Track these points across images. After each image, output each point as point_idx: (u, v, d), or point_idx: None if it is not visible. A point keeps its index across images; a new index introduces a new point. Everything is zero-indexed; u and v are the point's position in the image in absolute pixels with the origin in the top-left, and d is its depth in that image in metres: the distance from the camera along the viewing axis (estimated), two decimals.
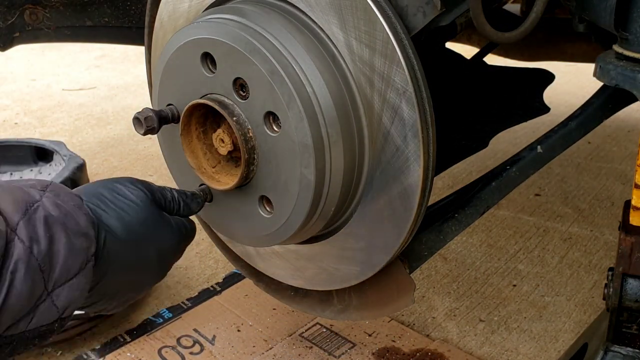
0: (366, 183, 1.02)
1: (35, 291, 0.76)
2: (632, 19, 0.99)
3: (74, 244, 0.80)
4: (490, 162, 2.64)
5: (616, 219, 2.17)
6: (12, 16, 1.68)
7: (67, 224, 0.80)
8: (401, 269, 1.13)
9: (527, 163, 1.25)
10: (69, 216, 0.82)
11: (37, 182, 0.86)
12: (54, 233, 0.78)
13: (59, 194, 0.85)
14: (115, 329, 1.81)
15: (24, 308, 0.76)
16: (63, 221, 0.80)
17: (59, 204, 0.82)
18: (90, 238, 0.85)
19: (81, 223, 0.83)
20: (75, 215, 0.83)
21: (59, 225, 0.79)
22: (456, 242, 2.22)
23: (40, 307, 0.78)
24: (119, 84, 4.05)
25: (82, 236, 0.83)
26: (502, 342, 1.76)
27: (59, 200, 0.83)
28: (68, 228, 0.80)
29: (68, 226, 0.80)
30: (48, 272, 0.77)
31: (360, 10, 0.92)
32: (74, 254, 0.80)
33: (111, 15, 1.79)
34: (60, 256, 0.79)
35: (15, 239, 0.74)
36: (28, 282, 0.75)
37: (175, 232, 1.01)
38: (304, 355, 1.69)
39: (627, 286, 1.14)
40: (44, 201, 0.80)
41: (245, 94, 0.98)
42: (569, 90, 3.45)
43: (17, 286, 0.73)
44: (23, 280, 0.74)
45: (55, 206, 0.81)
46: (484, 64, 1.61)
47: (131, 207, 0.95)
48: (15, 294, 0.73)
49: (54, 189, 0.85)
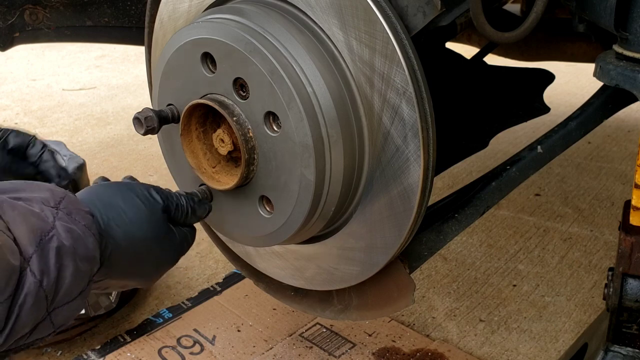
0: (366, 183, 1.02)
1: (38, 317, 0.79)
2: (632, 19, 0.99)
3: (79, 271, 0.82)
4: (490, 162, 2.64)
5: (616, 219, 2.17)
6: (12, 16, 1.68)
7: (76, 251, 0.82)
8: (401, 269, 1.13)
9: (527, 163, 1.25)
10: (79, 241, 0.83)
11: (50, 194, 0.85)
12: (64, 263, 0.80)
13: (71, 211, 0.85)
14: (115, 329, 1.81)
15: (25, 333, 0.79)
16: (73, 249, 0.81)
17: (71, 229, 0.82)
18: (95, 260, 0.86)
19: (89, 247, 0.85)
20: (85, 239, 0.84)
21: (69, 254, 0.81)
22: (456, 242, 2.22)
23: (39, 326, 0.80)
24: (119, 84, 4.05)
25: (89, 261, 0.84)
26: (502, 342, 1.76)
27: (71, 222, 0.83)
28: (77, 254, 0.82)
29: (77, 253, 0.82)
30: (52, 298, 0.80)
31: (360, 10, 0.92)
32: (78, 279, 0.83)
33: (111, 15, 1.79)
34: (65, 282, 0.80)
35: (27, 272, 0.76)
36: (34, 313, 0.77)
37: (177, 248, 1.02)
38: (304, 355, 1.69)
39: (627, 286, 1.14)
40: (57, 227, 0.81)
41: (245, 94, 0.98)
42: (569, 90, 3.45)
43: (23, 317, 0.76)
44: (29, 312, 0.76)
45: (68, 232, 0.82)
46: (484, 64, 1.61)
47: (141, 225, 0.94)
48: (20, 324, 0.76)
49: (67, 206, 0.85)
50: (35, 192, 0.85)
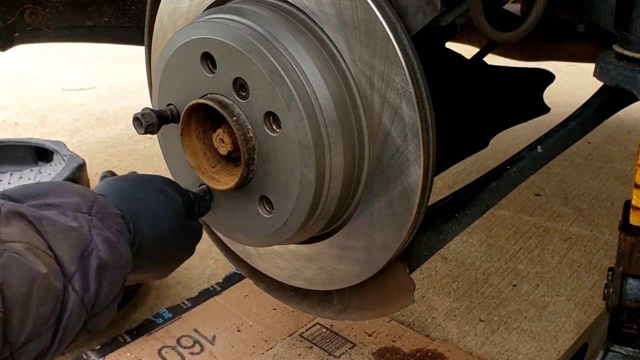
0: (366, 183, 1.02)
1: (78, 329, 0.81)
2: (632, 19, 0.99)
3: (116, 279, 0.84)
4: (490, 162, 2.64)
5: (616, 219, 2.17)
6: (12, 16, 1.68)
7: (113, 261, 0.83)
8: (401, 269, 1.12)
9: (527, 163, 1.25)
10: (115, 250, 0.84)
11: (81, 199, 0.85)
12: (103, 276, 0.81)
13: (104, 217, 0.86)
14: (115, 329, 1.81)
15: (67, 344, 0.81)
16: (111, 260, 0.83)
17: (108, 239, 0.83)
18: (129, 264, 0.87)
19: (124, 253, 0.86)
20: (120, 246, 0.85)
21: (107, 266, 0.82)
22: (456, 242, 2.22)
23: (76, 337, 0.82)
24: (119, 84, 4.05)
25: (125, 266, 0.86)
26: (502, 342, 1.76)
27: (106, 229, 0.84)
28: (114, 264, 0.83)
29: (114, 262, 0.83)
30: (91, 309, 0.81)
31: (360, 10, 0.92)
32: (115, 287, 0.84)
33: (111, 15, 1.79)
34: (103, 293, 0.82)
35: (70, 290, 0.77)
36: (76, 328, 0.79)
37: (194, 239, 1.04)
38: (304, 355, 1.69)
39: (627, 286, 1.14)
40: (94, 238, 0.82)
41: (245, 94, 0.98)
42: (569, 90, 3.45)
43: (68, 335, 0.78)
44: (73, 328, 0.79)
45: (105, 243, 0.82)
46: (484, 64, 1.61)
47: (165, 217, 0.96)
48: (65, 341, 0.79)
49: (99, 210, 0.86)
50: (65, 197, 0.85)
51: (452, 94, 1.47)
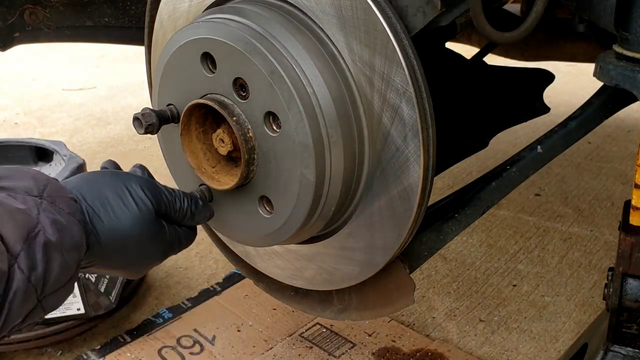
0: (366, 183, 1.02)
1: (29, 308, 0.81)
2: (632, 19, 0.99)
3: (67, 260, 0.83)
4: (490, 162, 2.64)
5: (616, 219, 2.17)
6: (12, 16, 1.68)
7: (63, 242, 0.83)
8: (401, 269, 1.12)
9: (527, 163, 1.25)
10: (65, 232, 0.84)
11: (34, 182, 0.86)
12: (51, 256, 0.81)
13: (55, 199, 0.85)
14: (115, 329, 1.81)
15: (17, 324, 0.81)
16: (60, 241, 0.82)
17: (56, 220, 0.83)
18: (82, 246, 0.87)
19: (75, 236, 0.85)
20: (70, 228, 0.85)
21: (55, 247, 0.82)
22: (456, 242, 2.22)
23: (30, 314, 0.82)
24: (119, 84, 4.05)
25: (76, 249, 0.85)
26: (502, 342, 1.76)
27: (56, 212, 0.84)
28: (63, 245, 0.83)
29: (63, 243, 0.83)
30: (41, 289, 0.81)
31: (360, 10, 0.92)
32: (66, 268, 0.84)
33: (111, 15, 1.79)
34: (53, 273, 0.82)
35: (15, 269, 0.78)
36: (24, 306, 0.79)
37: (165, 247, 1.00)
38: (304, 355, 1.69)
39: (627, 286, 1.14)
40: (42, 221, 0.82)
41: (245, 94, 0.98)
42: (569, 90, 3.45)
43: (13, 312, 0.78)
44: (20, 306, 0.78)
45: (53, 224, 0.82)
46: (484, 64, 1.61)
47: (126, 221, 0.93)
48: (11, 318, 0.78)
49: (51, 194, 0.86)
50: (18, 181, 0.85)
51: (452, 94, 1.47)
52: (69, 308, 1.67)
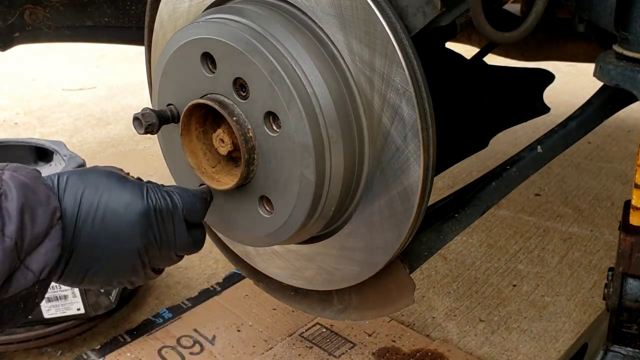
0: (366, 183, 1.02)
1: (12, 266, 0.83)
2: (632, 19, 0.99)
3: (37, 215, 0.86)
4: (490, 162, 2.64)
5: (616, 219, 2.16)
6: (12, 16, 1.68)
7: (28, 197, 0.86)
8: (401, 269, 1.12)
9: (527, 163, 1.25)
10: (29, 189, 0.87)
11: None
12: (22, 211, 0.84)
13: (17, 169, 0.90)
14: (115, 329, 1.81)
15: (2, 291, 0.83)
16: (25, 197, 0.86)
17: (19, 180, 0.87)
18: (51, 204, 0.89)
19: (40, 193, 0.88)
20: (34, 186, 0.88)
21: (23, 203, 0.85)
22: (456, 242, 2.22)
23: (15, 275, 0.83)
24: (119, 84, 4.05)
25: (44, 205, 0.88)
26: (502, 342, 1.76)
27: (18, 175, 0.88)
28: (29, 200, 0.86)
29: (29, 199, 0.86)
30: (20, 245, 0.83)
31: (360, 10, 0.92)
32: (39, 222, 0.86)
33: (111, 15, 1.79)
34: (27, 228, 0.84)
35: None
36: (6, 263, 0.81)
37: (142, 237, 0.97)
38: (304, 355, 1.69)
39: (627, 286, 1.14)
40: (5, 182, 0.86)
41: (245, 94, 0.98)
42: (569, 90, 3.45)
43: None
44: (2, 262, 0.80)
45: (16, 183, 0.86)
46: (484, 64, 1.61)
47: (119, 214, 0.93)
48: None
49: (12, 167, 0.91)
50: None
51: (452, 94, 1.47)
52: (69, 308, 1.67)
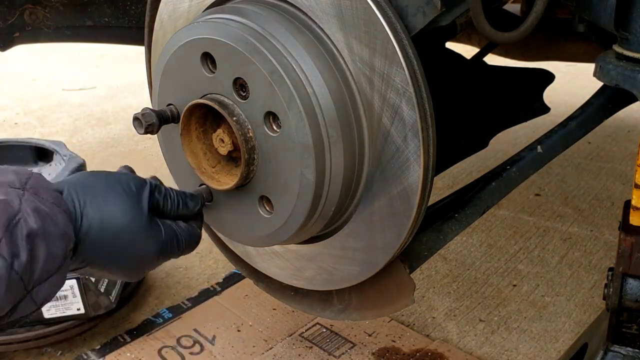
0: (366, 183, 1.02)
1: (16, 298, 0.81)
2: (632, 19, 0.99)
3: (52, 249, 0.83)
4: (490, 162, 2.64)
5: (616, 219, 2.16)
6: (12, 16, 1.68)
7: (46, 230, 0.83)
8: (401, 269, 1.12)
9: (527, 163, 1.25)
10: (48, 220, 0.84)
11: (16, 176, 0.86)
12: (35, 243, 0.81)
13: (38, 191, 0.86)
14: (115, 329, 1.81)
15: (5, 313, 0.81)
16: (43, 228, 0.82)
17: (38, 209, 0.83)
18: (68, 237, 0.87)
19: (59, 224, 0.85)
20: (54, 216, 0.85)
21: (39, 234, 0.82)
22: (456, 242, 2.22)
23: (19, 305, 0.82)
24: (119, 84, 4.05)
25: (61, 238, 0.85)
26: (502, 342, 1.76)
27: (38, 202, 0.84)
28: (47, 233, 0.83)
29: (47, 231, 0.83)
30: (28, 278, 0.81)
31: (360, 10, 0.92)
32: (52, 257, 0.84)
33: (111, 15, 1.79)
34: (39, 262, 0.82)
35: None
36: (9, 295, 0.79)
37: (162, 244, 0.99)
38: (304, 355, 1.69)
39: (627, 286, 1.14)
40: (24, 210, 0.82)
41: (245, 94, 0.98)
42: (569, 90, 3.45)
43: None
44: (4, 295, 0.78)
45: (35, 212, 0.82)
46: (484, 64, 1.61)
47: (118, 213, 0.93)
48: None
49: (34, 185, 0.87)
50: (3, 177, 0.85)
51: (452, 94, 1.47)
52: (69, 308, 1.67)
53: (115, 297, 1.75)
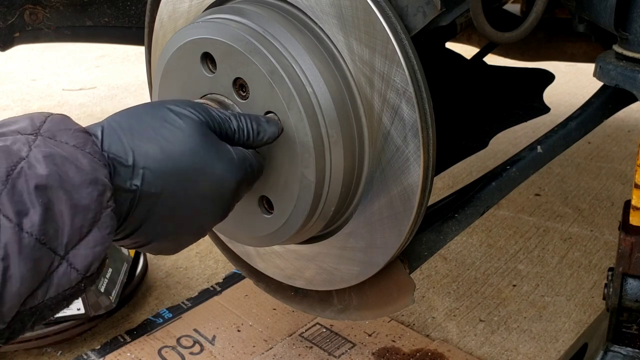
0: (366, 183, 1.02)
1: (42, 266, 0.66)
2: (632, 19, 0.99)
3: (77, 200, 0.69)
4: (490, 162, 2.64)
5: (616, 219, 2.17)
6: (12, 16, 1.68)
7: (63, 178, 0.68)
8: (401, 269, 1.13)
9: (527, 163, 1.25)
10: (67, 165, 0.69)
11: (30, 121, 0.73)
12: (50, 197, 0.67)
13: (55, 134, 0.72)
14: (115, 329, 1.81)
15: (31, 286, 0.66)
16: (58, 177, 0.68)
17: (52, 154, 0.69)
18: (100, 182, 0.72)
19: (84, 167, 0.71)
20: (75, 160, 0.70)
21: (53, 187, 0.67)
22: (456, 242, 2.22)
23: (55, 274, 0.68)
24: (119, 84, 4.05)
25: (89, 185, 0.70)
26: (502, 342, 1.76)
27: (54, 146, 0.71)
28: (65, 182, 0.68)
29: (65, 179, 0.68)
30: (55, 239, 0.67)
31: (360, 10, 0.92)
32: (81, 210, 0.69)
33: (111, 15, 1.79)
34: (64, 217, 0.68)
35: None
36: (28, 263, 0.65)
37: (235, 165, 0.85)
38: (304, 355, 1.69)
39: (627, 286, 1.14)
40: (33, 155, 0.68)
41: (245, 94, 0.98)
42: (569, 90, 3.45)
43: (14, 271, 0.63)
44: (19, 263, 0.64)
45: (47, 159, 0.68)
46: (484, 64, 1.61)
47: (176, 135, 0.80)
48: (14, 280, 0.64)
49: (50, 128, 0.73)
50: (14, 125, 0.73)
51: (452, 94, 1.47)
52: (69, 308, 1.67)
53: (115, 297, 1.75)
